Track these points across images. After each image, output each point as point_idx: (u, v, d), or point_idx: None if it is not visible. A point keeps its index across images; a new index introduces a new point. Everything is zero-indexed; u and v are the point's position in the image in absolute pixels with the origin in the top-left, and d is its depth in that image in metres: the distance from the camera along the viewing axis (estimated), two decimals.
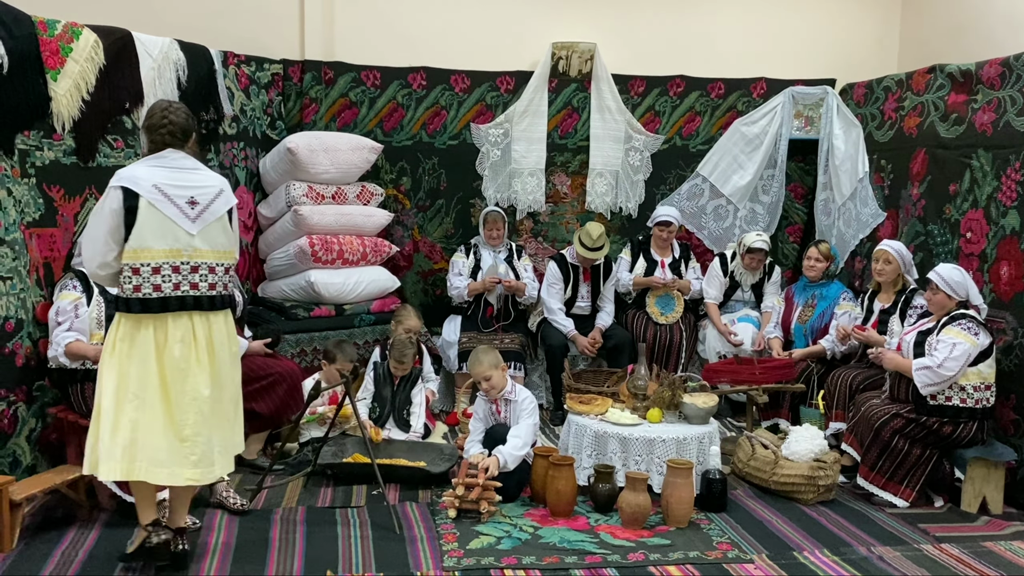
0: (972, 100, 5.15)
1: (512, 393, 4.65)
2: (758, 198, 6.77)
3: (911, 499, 4.51)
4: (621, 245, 6.58)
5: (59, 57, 4.27)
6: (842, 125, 6.41)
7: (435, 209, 6.55)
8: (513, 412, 4.63)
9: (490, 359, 4.61)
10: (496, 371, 4.58)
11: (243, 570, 3.64)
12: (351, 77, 6.30)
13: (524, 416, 4.57)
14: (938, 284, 4.50)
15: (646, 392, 4.78)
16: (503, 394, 4.64)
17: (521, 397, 4.64)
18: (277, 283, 5.98)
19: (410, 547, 3.90)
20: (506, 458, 4.37)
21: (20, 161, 4.08)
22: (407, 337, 5.42)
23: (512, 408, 4.64)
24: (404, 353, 5.27)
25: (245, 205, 5.94)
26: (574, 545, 3.95)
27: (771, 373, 5.32)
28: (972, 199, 5.06)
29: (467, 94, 6.47)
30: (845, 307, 5.54)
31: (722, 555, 3.89)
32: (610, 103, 6.58)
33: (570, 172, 6.70)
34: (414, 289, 6.59)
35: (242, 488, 4.49)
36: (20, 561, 3.65)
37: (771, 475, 4.63)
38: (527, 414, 4.57)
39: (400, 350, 5.27)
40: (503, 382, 4.62)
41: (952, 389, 4.41)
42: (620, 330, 6.16)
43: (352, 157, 5.93)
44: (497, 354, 4.68)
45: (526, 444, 4.49)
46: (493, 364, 4.59)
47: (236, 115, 5.78)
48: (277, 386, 4.82)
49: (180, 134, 3.50)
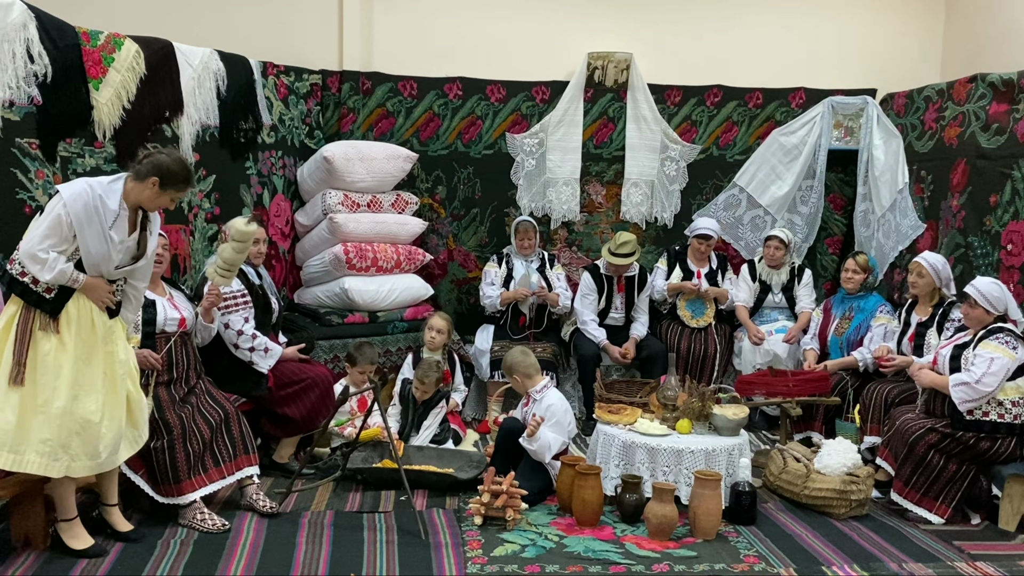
0: (1014, 110, 5.05)
1: (539, 392, 4.73)
2: (796, 209, 6.70)
3: (947, 516, 4.42)
4: (656, 255, 6.55)
5: (101, 67, 4.39)
6: (882, 135, 6.32)
7: (470, 218, 6.59)
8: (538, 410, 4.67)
9: (506, 364, 4.81)
10: (513, 376, 4.76)
11: (269, 571, 3.68)
12: (388, 87, 6.37)
13: (549, 428, 4.60)
14: (976, 299, 4.41)
15: (676, 403, 4.75)
16: (531, 390, 4.75)
17: (546, 403, 4.67)
18: (312, 290, 6.05)
19: (435, 553, 3.91)
20: (544, 437, 4.52)
21: (62, 168, 4.20)
22: (431, 361, 5.42)
23: (536, 407, 4.68)
24: (427, 374, 5.26)
25: (283, 213, 6.03)
26: (599, 555, 3.94)
27: (805, 386, 5.25)
28: (1013, 211, 4.95)
29: (503, 104, 6.51)
30: (882, 320, 5.45)
31: (749, 568, 3.84)
32: (646, 113, 6.57)
33: (605, 182, 6.69)
34: (448, 298, 6.63)
35: (272, 491, 4.55)
36: (52, 557, 3.74)
37: (803, 488, 4.57)
38: (552, 426, 4.61)
39: (424, 370, 5.28)
40: (522, 387, 4.77)
41: (990, 404, 4.31)
42: (654, 340, 6.13)
43: (387, 166, 6.00)
44: (509, 362, 4.78)
45: (549, 449, 4.56)
46: (507, 369, 4.77)
47: (275, 124, 5.89)
48: (310, 391, 4.88)
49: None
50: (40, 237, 3.47)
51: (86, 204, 3.47)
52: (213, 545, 3.93)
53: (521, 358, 4.79)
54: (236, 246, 4.37)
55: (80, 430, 3.55)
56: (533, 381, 4.76)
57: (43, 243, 3.47)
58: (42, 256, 3.47)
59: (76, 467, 3.58)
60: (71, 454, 3.56)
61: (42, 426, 3.50)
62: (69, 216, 3.45)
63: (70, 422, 3.53)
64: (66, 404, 3.52)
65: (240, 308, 4.71)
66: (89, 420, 3.56)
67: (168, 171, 3.61)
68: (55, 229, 3.47)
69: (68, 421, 3.53)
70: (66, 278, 3.53)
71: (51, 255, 3.48)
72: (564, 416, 4.67)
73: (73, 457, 3.57)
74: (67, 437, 3.53)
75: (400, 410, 5.33)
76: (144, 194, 3.63)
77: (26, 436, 3.50)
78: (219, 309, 4.56)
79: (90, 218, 3.49)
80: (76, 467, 3.58)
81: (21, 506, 3.77)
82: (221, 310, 4.59)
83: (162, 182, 3.61)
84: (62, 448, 3.53)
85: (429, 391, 5.29)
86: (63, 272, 3.51)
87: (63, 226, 3.47)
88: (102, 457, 3.63)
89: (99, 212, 3.50)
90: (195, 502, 4.11)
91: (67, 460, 3.56)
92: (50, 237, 3.48)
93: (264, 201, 5.80)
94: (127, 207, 3.61)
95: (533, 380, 4.76)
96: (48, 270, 3.48)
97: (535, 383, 4.76)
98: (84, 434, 3.56)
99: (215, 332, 4.60)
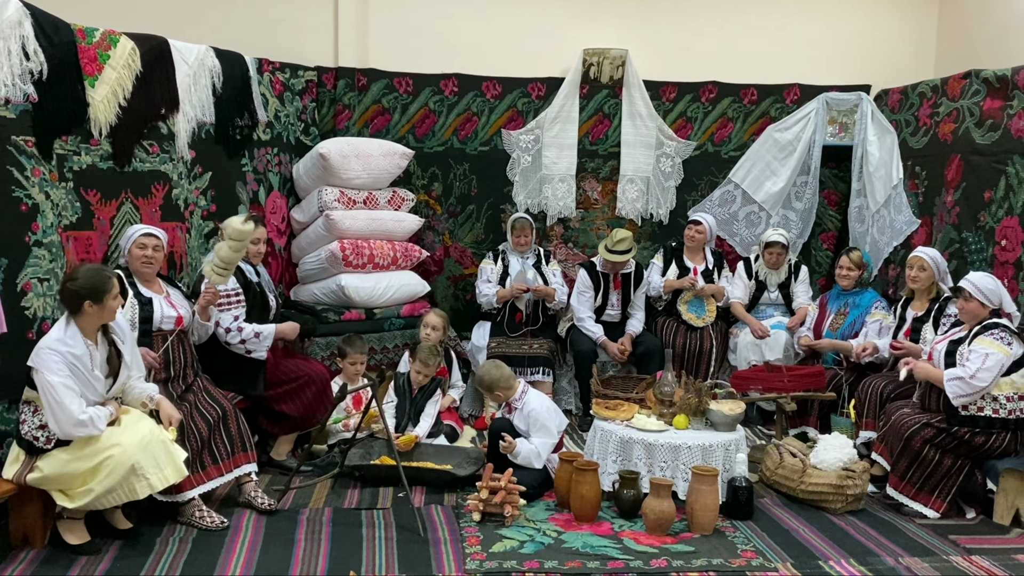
0: (1008, 106, 5.07)
1: (519, 401, 4.75)
2: (791, 205, 6.72)
3: (942, 510, 4.44)
4: (652, 252, 6.57)
5: (97, 64, 4.38)
6: (876, 131, 6.35)
7: (466, 215, 6.59)
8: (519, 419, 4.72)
9: (478, 381, 4.88)
10: (495, 393, 4.79)
11: (268, 569, 3.69)
12: (384, 84, 6.37)
13: (540, 432, 4.68)
14: (971, 292, 4.43)
15: (673, 398, 4.77)
16: (511, 400, 4.77)
17: (527, 410, 4.70)
18: (309, 287, 6.05)
19: (433, 549, 3.92)
20: (523, 450, 4.58)
21: (58, 165, 4.18)
22: (435, 344, 5.45)
23: (518, 416, 4.73)
24: (429, 358, 5.30)
25: (279, 210, 6.03)
26: (597, 550, 3.95)
27: (800, 381, 5.28)
28: (1007, 206, 4.98)
29: (498, 100, 6.51)
30: (877, 316, 5.47)
31: (746, 563, 3.86)
32: (641, 109, 6.58)
33: (601, 178, 6.70)
34: (445, 294, 6.64)
35: (270, 488, 4.55)
36: (51, 556, 3.74)
37: (799, 483, 4.59)
38: (543, 430, 4.67)
39: (426, 354, 5.30)
40: (505, 395, 4.78)
41: (984, 399, 4.34)
42: (650, 337, 6.15)
43: (383, 163, 5.99)
44: (500, 375, 4.77)
45: (541, 456, 4.63)
46: (490, 385, 4.77)
47: (270, 121, 5.88)
48: (306, 388, 4.89)
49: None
50: (68, 408, 3.58)
51: (63, 357, 3.61)
52: (212, 542, 3.93)
53: (498, 373, 4.78)
54: (233, 245, 4.37)
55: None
56: (512, 390, 4.78)
57: (75, 410, 3.59)
58: (84, 419, 3.61)
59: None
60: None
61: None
62: (63, 375, 3.58)
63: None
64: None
65: (232, 307, 4.70)
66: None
67: (88, 289, 3.68)
68: (68, 393, 3.59)
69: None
70: (108, 418, 3.72)
71: (88, 412, 3.63)
72: (549, 418, 4.70)
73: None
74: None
75: (396, 403, 5.33)
76: (94, 318, 3.72)
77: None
78: (215, 307, 4.55)
79: (72, 367, 3.63)
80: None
81: (20, 505, 3.77)
82: (216, 308, 4.58)
83: (93, 299, 3.68)
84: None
85: (429, 376, 5.31)
86: (105, 415, 3.71)
87: (68, 386, 3.59)
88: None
89: (77, 360, 3.64)
90: (194, 500, 4.11)
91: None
92: (73, 400, 3.59)
93: (260, 198, 5.79)
94: (90, 341, 3.74)
95: (512, 389, 4.78)
96: (99, 421, 3.66)
97: (514, 392, 4.78)
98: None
99: (212, 330, 4.60)
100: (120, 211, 4.53)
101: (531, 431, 4.68)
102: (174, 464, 3.79)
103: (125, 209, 4.56)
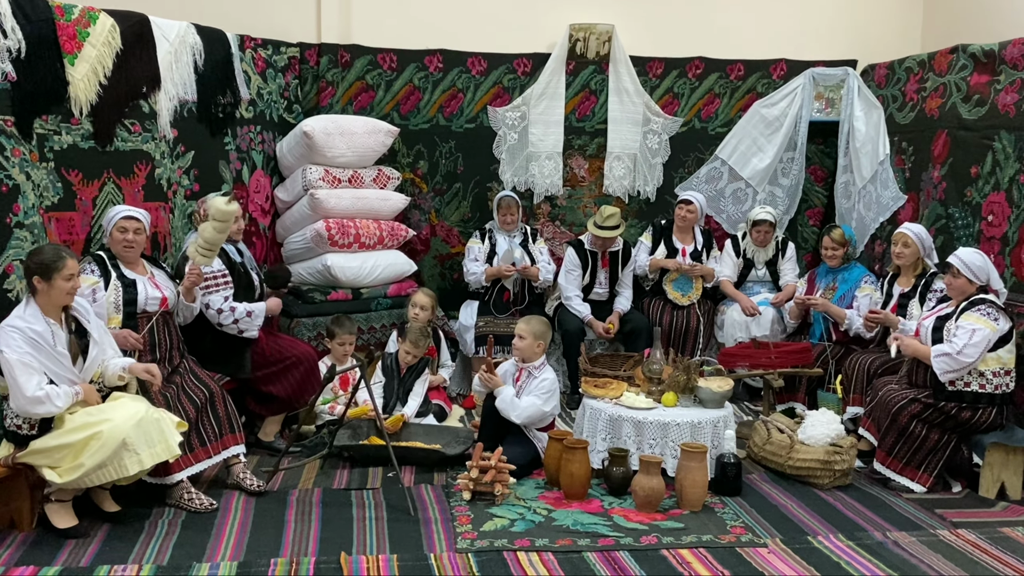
0: (995, 81, 5.07)
1: (538, 370, 4.71)
2: (777, 181, 6.71)
3: (928, 484, 4.48)
4: (640, 230, 6.55)
5: (76, 42, 4.30)
6: (863, 107, 6.33)
7: (452, 193, 6.55)
8: (526, 386, 4.68)
9: (532, 327, 4.72)
10: (530, 336, 4.69)
11: (259, 550, 3.68)
12: (367, 60, 6.29)
13: (534, 392, 4.65)
14: (959, 268, 4.44)
15: (661, 376, 4.77)
16: (528, 365, 4.71)
17: (541, 376, 4.68)
18: (295, 266, 6.00)
19: (424, 529, 3.92)
20: (506, 393, 4.60)
21: (38, 145, 4.12)
22: (424, 325, 5.43)
23: (529, 383, 4.69)
24: (419, 338, 5.28)
25: (262, 189, 5.96)
26: (587, 528, 3.96)
27: (787, 357, 5.30)
28: (994, 181, 4.99)
29: (484, 77, 6.45)
30: (866, 290, 5.49)
31: (735, 539, 3.88)
32: (628, 85, 6.54)
33: (588, 155, 6.67)
34: (431, 273, 6.60)
35: (259, 470, 4.54)
36: (39, 539, 3.72)
37: (787, 459, 4.61)
38: (538, 392, 4.64)
39: (415, 335, 5.28)
40: (533, 355, 4.71)
41: (971, 375, 4.36)
42: (637, 315, 6.15)
43: (368, 141, 5.93)
44: (541, 329, 4.74)
45: (521, 412, 4.59)
46: (530, 331, 4.70)
47: (253, 99, 5.80)
48: (294, 369, 4.87)
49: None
50: (22, 385, 3.56)
51: (22, 334, 3.60)
52: (201, 524, 3.92)
53: (547, 328, 4.81)
54: (217, 226, 4.32)
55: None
56: (540, 355, 4.76)
57: (29, 387, 3.56)
58: (39, 395, 3.58)
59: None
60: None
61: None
62: (21, 351, 3.57)
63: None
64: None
65: (220, 288, 4.67)
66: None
67: (36, 265, 3.67)
68: (23, 369, 3.57)
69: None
70: (71, 398, 3.69)
71: (44, 389, 3.59)
72: (552, 396, 4.69)
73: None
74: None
75: (384, 383, 5.31)
76: (47, 296, 3.70)
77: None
78: (200, 289, 4.51)
79: (35, 344, 3.62)
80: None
81: (6, 488, 3.74)
82: (202, 290, 4.54)
83: (41, 275, 3.66)
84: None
85: (418, 356, 5.29)
86: (67, 394, 3.67)
87: (26, 363, 3.57)
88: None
89: (38, 336, 3.63)
90: (182, 482, 4.09)
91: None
92: (29, 378, 3.57)
93: (244, 177, 5.73)
94: (52, 319, 3.72)
95: (541, 354, 4.77)
96: (56, 398, 3.63)
97: (540, 357, 4.76)
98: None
99: (197, 311, 4.57)
100: (102, 191, 4.47)
101: (531, 392, 4.67)
102: (165, 442, 3.77)
103: (107, 189, 4.49)
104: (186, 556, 3.60)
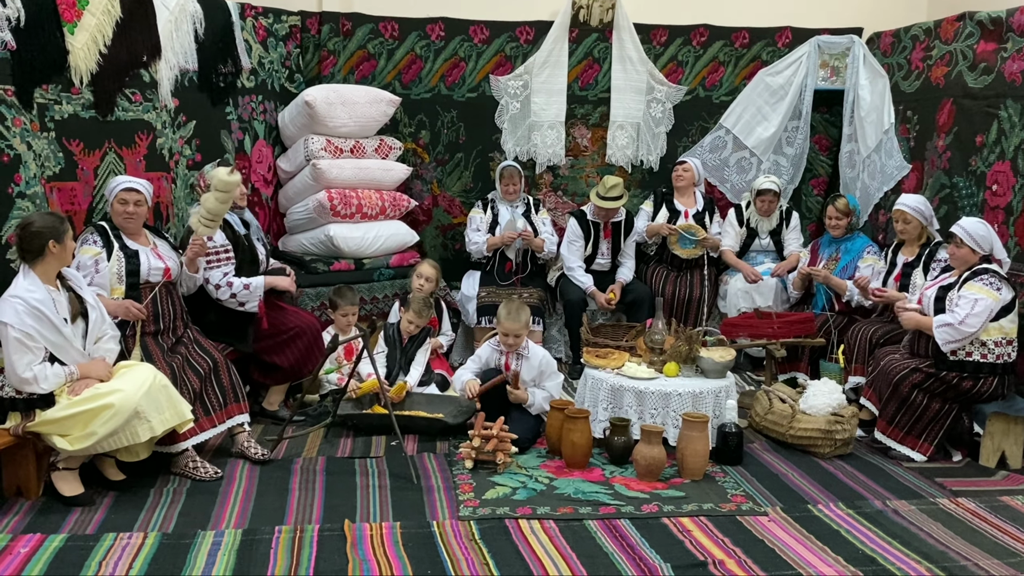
0: (1002, 49, 5.02)
1: (525, 349, 4.71)
2: (782, 150, 6.67)
3: (929, 453, 4.50)
4: (642, 199, 6.53)
5: (76, 10, 4.26)
6: (868, 75, 6.28)
7: (454, 163, 6.52)
8: (526, 368, 4.69)
9: (526, 318, 4.71)
10: (526, 332, 4.73)
11: (263, 518, 3.71)
12: (369, 28, 6.24)
13: (552, 377, 4.77)
14: (963, 238, 4.42)
15: (663, 346, 4.78)
16: (520, 348, 4.71)
17: (536, 356, 4.71)
18: (297, 237, 6.01)
19: (427, 497, 3.95)
20: (537, 400, 4.64)
21: (39, 115, 4.10)
22: (427, 296, 5.43)
23: (523, 364, 4.70)
24: (423, 309, 5.28)
25: (264, 159, 5.95)
26: (588, 496, 3.99)
27: (789, 327, 5.30)
28: (999, 151, 4.96)
29: (486, 45, 6.40)
30: (869, 260, 5.47)
31: (736, 507, 3.91)
32: (632, 53, 6.48)
33: (590, 125, 6.63)
34: (433, 243, 6.60)
35: (263, 438, 4.57)
36: (46, 507, 3.75)
37: (788, 429, 4.63)
38: (554, 375, 4.75)
39: (419, 305, 5.28)
40: (513, 345, 4.74)
41: (973, 344, 4.37)
42: (640, 285, 6.15)
43: (370, 110, 5.91)
44: (527, 316, 4.75)
45: (548, 398, 4.71)
46: (527, 324, 4.72)
47: (254, 68, 5.77)
48: (298, 339, 4.88)
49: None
50: (15, 363, 3.60)
51: (27, 310, 3.59)
52: (206, 493, 3.95)
53: (528, 310, 4.82)
54: (220, 196, 4.32)
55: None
56: (524, 338, 4.79)
57: (20, 366, 3.60)
58: (28, 376, 3.61)
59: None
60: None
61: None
62: (23, 328, 3.58)
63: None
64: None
65: (222, 263, 4.66)
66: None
67: (49, 228, 3.69)
68: (19, 347, 3.59)
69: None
70: (62, 379, 3.71)
71: (34, 371, 3.62)
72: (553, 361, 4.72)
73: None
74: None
75: (387, 352, 5.33)
76: (56, 259, 3.73)
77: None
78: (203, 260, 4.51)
79: (39, 318, 3.62)
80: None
81: (13, 457, 3.77)
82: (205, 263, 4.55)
83: (56, 238, 3.68)
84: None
85: (421, 326, 5.31)
86: (57, 375, 3.69)
87: (24, 340, 3.59)
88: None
89: (41, 308, 3.62)
90: (187, 451, 4.12)
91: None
92: (22, 356, 3.60)
93: (246, 147, 5.71)
94: (51, 286, 3.74)
95: (524, 337, 4.80)
96: (43, 381, 3.65)
97: (523, 340, 4.79)
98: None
99: (200, 282, 4.57)
100: (104, 161, 4.46)
101: (542, 378, 4.75)
102: (174, 407, 3.83)
103: (109, 159, 4.48)
104: (191, 524, 3.64)
